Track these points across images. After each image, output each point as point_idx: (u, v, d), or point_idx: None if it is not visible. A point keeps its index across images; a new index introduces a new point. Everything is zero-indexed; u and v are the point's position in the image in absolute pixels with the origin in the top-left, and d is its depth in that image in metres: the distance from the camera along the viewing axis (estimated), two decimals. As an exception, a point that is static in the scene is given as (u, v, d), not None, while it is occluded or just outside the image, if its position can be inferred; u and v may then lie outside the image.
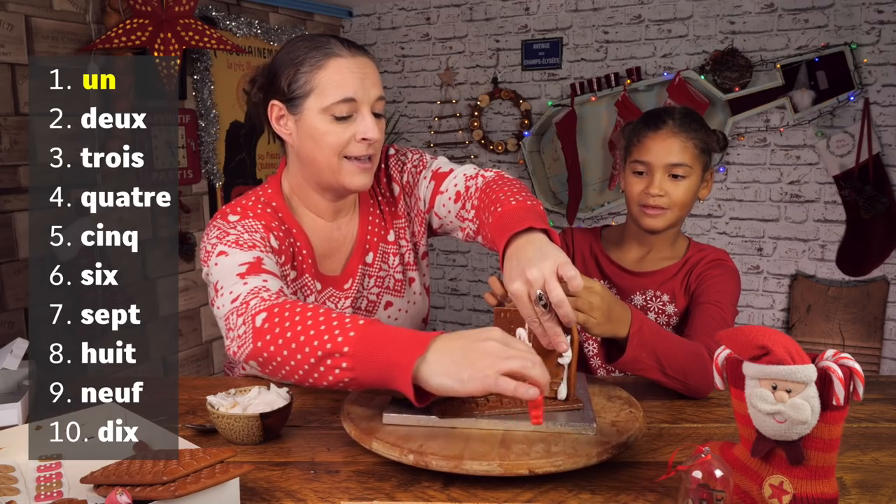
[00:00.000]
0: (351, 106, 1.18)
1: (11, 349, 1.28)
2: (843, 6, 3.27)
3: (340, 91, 1.17)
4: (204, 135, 3.35)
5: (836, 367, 0.75)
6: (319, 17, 4.18)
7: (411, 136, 4.30)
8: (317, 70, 1.18)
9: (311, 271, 1.27)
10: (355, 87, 1.18)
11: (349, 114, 1.18)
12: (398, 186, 1.36)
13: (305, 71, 1.19)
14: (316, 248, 1.29)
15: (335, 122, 1.18)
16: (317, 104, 1.18)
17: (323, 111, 1.18)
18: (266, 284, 1.09)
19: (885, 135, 3.28)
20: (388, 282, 1.34)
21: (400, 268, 1.36)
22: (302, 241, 1.27)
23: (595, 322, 1.06)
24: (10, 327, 2.61)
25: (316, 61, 1.19)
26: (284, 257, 1.23)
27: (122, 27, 2.82)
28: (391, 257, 1.35)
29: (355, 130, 1.19)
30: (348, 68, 1.18)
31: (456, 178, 1.30)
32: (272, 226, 1.23)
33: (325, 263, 1.31)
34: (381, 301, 1.34)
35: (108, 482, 0.84)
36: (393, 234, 1.35)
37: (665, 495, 0.88)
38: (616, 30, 3.72)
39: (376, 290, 1.33)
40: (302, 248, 1.27)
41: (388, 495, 0.89)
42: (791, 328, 3.49)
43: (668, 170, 1.38)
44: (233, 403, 1.08)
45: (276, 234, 1.23)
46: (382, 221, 1.35)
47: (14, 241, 2.63)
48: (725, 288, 1.40)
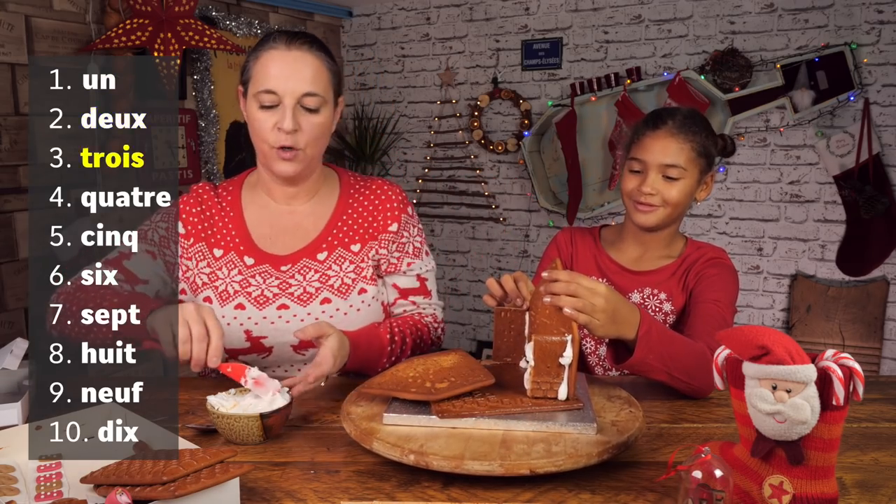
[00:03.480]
0: (273, 97, 1.27)
1: (11, 349, 1.28)
2: (843, 6, 3.27)
3: (264, 82, 1.28)
4: (204, 135, 3.35)
5: (836, 367, 0.75)
6: (319, 17, 4.18)
7: (411, 136, 4.30)
8: (255, 60, 1.31)
9: (239, 248, 1.39)
10: (278, 80, 1.27)
11: (272, 104, 1.28)
12: (397, 226, 1.42)
13: (250, 59, 1.32)
14: (253, 230, 1.41)
15: (262, 109, 1.29)
16: (252, 90, 1.30)
17: (253, 97, 1.29)
18: (83, 274, 1.11)
19: (885, 135, 3.28)
20: (333, 281, 1.38)
21: (352, 275, 1.39)
22: (235, 224, 1.40)
23: (598, 324, 1.06)
24: (10, 327, 2.61)
25: (257, 52, 1.31)
26: (193, 239, 1.39)
27: (122, 27, 2.82)
28: (347, 263, 1.39)
29: (276, 121, 1.28)
30: (278, 61, 1.28)
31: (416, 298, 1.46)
32: (192, 212, 1.40)
33: (266, 242, 1.40)
34: (319, 296, 1.37)
35: (108, 482, 0.84)
36: (359, 246, 1.40)
37: (665, 495, 0.88)
38: (616, 30, 3.72)
39: (317, 285, 1.38)
40: (232, 230, 1.40)
41: (388, 495, 0.89)
42: (791, 328, 3.49)
43: (662, 170, 1.39)
44: (233, 404, 1.08)
45: (192, 219, 1.40)
46: (352, 232, 1.41)
47: (14, 241, 2.63)
48: (724, 286, 1.40)
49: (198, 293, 1.38)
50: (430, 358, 1.13)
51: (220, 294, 1.36)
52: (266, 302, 1.35)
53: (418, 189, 4.27)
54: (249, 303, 1.35)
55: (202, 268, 1.38)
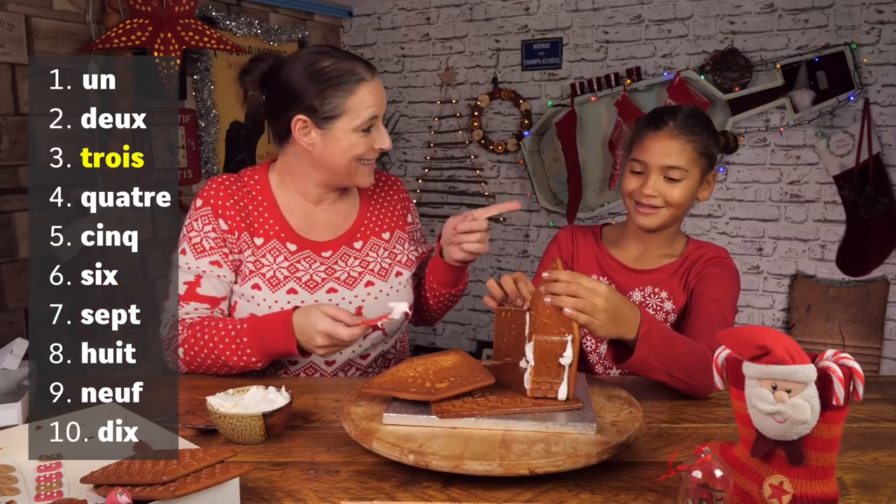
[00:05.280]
0: (372, 122, 1.37)
1: (11, 349, 1.28)
2: (843, 6, 3.27)
3: (369, 112, 1.36)
4: (204, 135, 3.35)
5: (836, 366, 0.75)
6: (319, 17, 4.18)
7: (411, 136, 4.30)
8: (349, 95, 1.34)
9: (280, 236, 1.43)
10: (378, 106, 1.38)
11: (370, 127, 1.38)
12: (411, 216, 1.60)
13: (339, 94, 1.34)
14: (290, 219, 1.45)
15: (363, 135, 1.37)
16: (348, 124, 1.35)
17: (354, 130, 1.36)
18: (188, 315, 1.39)
19: (885, 135, 3.28)
20: (373, 266, 1.48)
21: (388, 259, 1.51)
22: (272, 212, 1.44)
23: (599, 324, 1.06)
24: (10, 327, 2.61)
25: (348, 87, 1.35)
26: (238, 233, 1.41)
27: (122, 27, 2.82)
28: (381, 250, 1.51)
29: (373, 141, 1.39)
30: (374, 91, 1.37)
31: None
32: (227, 205, 1.41)
33: (303, 232, 1.46)
34: (363, 279, 1.47)
35: (108, 482, 0.84)
36: (389, 234, 1.54)
37: (665, 495, 0.88)
38: (616, 30, 3.72)
39: (359, 269, 1.47)
40: (269, 219, 1.44)
41: (388, 495, 0.89)
42: (791, 328, 3.49)
43: (664, 171, 1.38)
44: (233, 404, 1.08)
45: (230, 212, 1.41)
46: (381, 221, 1.54)
47: (14, 241, 2.63)
48: (725, 286, 1.40)
49: (245, 282, 1.41)
50: (429, 358, 1.13)
51: (268, 280, 1.40)
52: (316, 286, 1.42)
53: (418, 189, 4.27)
54: (301, 287, 1.41)
55: (247, 257, 1.41)
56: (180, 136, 3.25)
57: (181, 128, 3.26)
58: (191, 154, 3.31)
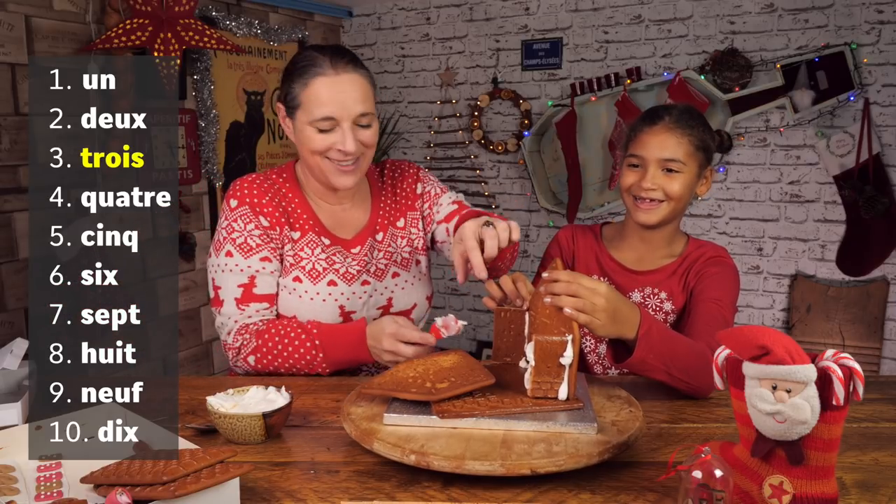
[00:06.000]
0: (331, 122, 1.33)
1: (11, 349, 1.28)
2: (843, 6, 3.27)
3: (321, 110, 1.33)
4: (204, 135, 3.35)
5: (836, 366, 0.75)
6: (319, 17, 4.18)
7: (411, 136, 4.30)
8: (303, 87, 1.34)
9: (315, 230, 1.45)
10: (334, 106, 1.32)
11: (331, 127, 1.34)
12: (420, 186, 1.56)
13: (296, 86, 1.35)
14: (320, 216, 1.47)
15: (319, 132, 1.34)
16: (304, 117, 1.35)
17: (309, 124, 1.34)
18: (251, 319, 1.40)
19: (885, 135, 3.28)
20: (395, 257, 1.52)
21: (408, 249, 1.54)
22: (304, 209, 1.46)
23: (599, 324, 1.06)
24: (10, 327, 2.61)
25: (304, 79, 1.34)
26: (279, 228, 1.42)
27: (122, 27, 2.82)
28: (399, 239, 1.53)
29: (334, 141, 1.34)
30: (329, 87, 1.32)
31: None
32: (263, 202, 1.42)
33: (332, 229, 1.48)
34: (389, 271, 1.51)
35: (108, 482, 0.84)
36: (403, 221, 1.55)
37: (665, 495, 0.88)
38: (616, 30, 3.72)
39: (384, 262, 1.51)
40: (303, 214, 1.45)
41: (388, 495, 0.89)
42: (791, 328, 3.49)
43: (662, 164, 1.39)
44: (233, 404, 1.08)
45: (268, 209, 1.42)
46: (394, 210, 1.55)
47: (14, 241, 2.62)
48: (725, 285, 1.40)
49: (287, 275, 1.43)
50: (430, 358, 1.13)
51: (309, 273, 1.42)
52: (352, 278, 1.45)
53: (418, 189, 4.27)
54: (339, 279, 1.44)
55: (287, 250, 1.43)
56: (180, 136, 3.25)
57: (181, 128, 3.26)
58: (191, 154, 3.31)
